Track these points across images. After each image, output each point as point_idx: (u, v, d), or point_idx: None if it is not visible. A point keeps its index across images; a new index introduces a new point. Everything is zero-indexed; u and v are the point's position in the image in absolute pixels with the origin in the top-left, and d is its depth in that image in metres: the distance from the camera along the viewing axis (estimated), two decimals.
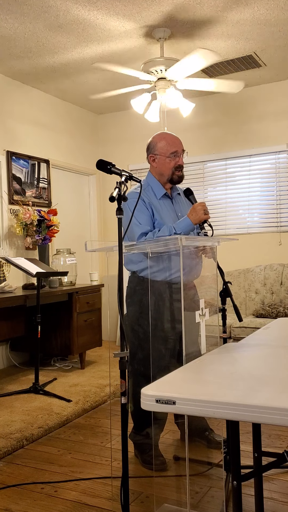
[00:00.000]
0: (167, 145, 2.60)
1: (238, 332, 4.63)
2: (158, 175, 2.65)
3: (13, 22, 3.85)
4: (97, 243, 6.17)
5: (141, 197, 2.53)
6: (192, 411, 1.23)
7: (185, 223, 2.43)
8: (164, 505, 2.18)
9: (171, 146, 2.60)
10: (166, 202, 2.64)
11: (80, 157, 6.10)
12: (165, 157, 2.61)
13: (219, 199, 5.70)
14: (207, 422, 2.78)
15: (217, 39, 4.28)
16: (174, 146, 2.60)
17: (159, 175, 2.65)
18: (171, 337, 2.44)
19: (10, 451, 2.81)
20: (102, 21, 3.87)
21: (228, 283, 2.43)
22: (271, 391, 1.26)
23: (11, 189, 4.99)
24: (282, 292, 5.05)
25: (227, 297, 2.42)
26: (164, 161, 2.61)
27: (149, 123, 5.63)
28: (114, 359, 4.74)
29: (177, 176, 2.63)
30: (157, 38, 4.16)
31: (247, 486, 2.27)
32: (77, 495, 2.29)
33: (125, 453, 1.82)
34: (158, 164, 2.63)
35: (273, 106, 5.41)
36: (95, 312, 4.86)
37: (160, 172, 2.64)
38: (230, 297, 2.41)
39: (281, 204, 5.37)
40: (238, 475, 1.43)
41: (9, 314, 4.25)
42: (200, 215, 2.40)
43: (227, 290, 2.41)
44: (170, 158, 2.60)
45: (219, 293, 2.41)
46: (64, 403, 3.56)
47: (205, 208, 2.42)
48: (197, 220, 2.41)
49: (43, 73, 4.95)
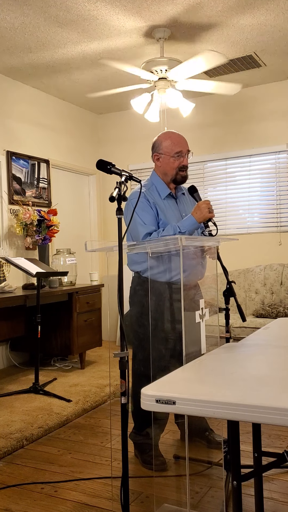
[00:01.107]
0: (172, 144, 2.59)
1: (238, 332, 4.63)
2: (162, 174, 2.64)
3: (13, 21, 3.85)
4: (97, 243, 6.17)
5: (145, 197, 2.52)
6: (192, 411, 1.23)
7: (189, 222, 2.42)
8: (164, 505, 2.18)
9: (176, 145, 2.59)
10: (171, 202, 2.63)
11: (80, 157, 6.10)
12: (170, 157, 2.59)
13: (219, 199, 5.70)
14: (207, 422, 2.78)
15: (217, 39, 4.27)
16: (179, 146, 2.59)
17: (163, 174, 2.64)
18: (171, 337, 2.44)
19: (10, 451, 2.81)
20: (103, 19, 3.87)
21: (232, 282, 2.42)
22: (271, 391, 1.26)
23: (11, 189, 4.99)
24: (282, 292, 5.05)
25: (231, 296, 2.41)
26: (168, 160, 2.60)
27: (149, 123, 5.63)
28: (114, 359, 4.73)
29: (180, 176, 2.62)
30: (157, 38, 4.16)
31: (247, 486, 2.27)
32: (77, 495, 2.29)
33: (125, 453, 1.82)
34: (162, 163, 2.62)
35: (273, 106, 5.41)
36: (95, 312, 4.86)
37: (164, 171, 2.63)
38: (234, 296, 2.40)
39: (281, 204, 5.38)
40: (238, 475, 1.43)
41: (9, 314, 4.25)
42: (205, 213, 2.39)
43: (231, 290, 2.39)
44: (174, 158, 2.59)
45: (222, 292, 2.40)
46: (64, 403, 3.56)
47: (210, 206, 2.40)
48: (202, 219, 2.40)
49: (43, 73, 4.95)
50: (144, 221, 2.48)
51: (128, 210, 2.58)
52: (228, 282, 2.41)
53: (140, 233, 2.46)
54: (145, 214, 2.49)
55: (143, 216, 2.48)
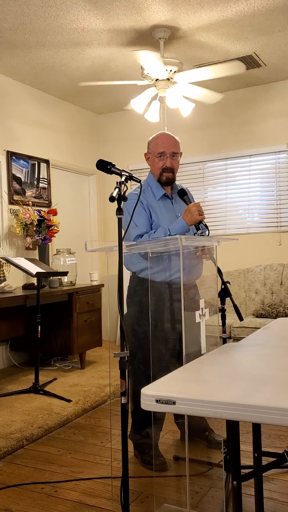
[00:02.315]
0: (156, 145, 2.61)
1: (238, 332, 4.63)
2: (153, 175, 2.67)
3: (13, 21, 3.85)
4: (97, 243, 6.17)
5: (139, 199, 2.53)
6: (192, 411, 1.23)
7: (179, 225, 2.42)
8: (164, 505, 2.18)
9: (160, 146, 2.60)
10: (166, 202, 2.63)
11: (80, 157, 6.10)
12: (154, 157, 2.62)
13: (219, 199, 5.70)
14: (207, 422, 2.78)
15: (217, 39, 4.27)
16: (162, 147, 2.59)
17: (153, 174, 2.67)
18: (171, 337, 2.44)
19: (10, 451, 2.81)
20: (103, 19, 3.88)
21: (227, 283, 2.42)
22: (271, 391, 1.26)
23: (11, 189, 4.99)
24: (282, 292, 5.05)
25: (226, 297, 2.41)
26: (154, 160, 2.63)
27: (149, 123, 5.63)
28: (114, 359, 4.74)
29: (165, 177, 2.61)
30: (157, 39, 4.16)
31: (247, 486, 2.27)
32: (77, 495, 2.29)
33: (125, 453, 1.82)
34: (150, 163, 2.67)
35: (273, 106, 5.41)
36: (95, 312, 4.86)
37: (152, 171, 2.67)
38: (230, 297, 2.40)
39: (281, 204, 5.37)
40: (238, 475, 1.43)
41: (9, 314, 4.25)
42: (195, 216, 2.37)
43: (226, 290, 2.40)
44: (158, 159, 2.61)
45: (218, 293, 2.40)
46: (64, 403, 3.56)
47: (200, 208, 2.39)
48: (192, 221, 2.39)
49: (43, 73, 4.95)
50: (136, 223, 2.49)
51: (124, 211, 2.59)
52: (223, 283, 2.41)
53: (131, 234, 2.47)
54: (137, 216, 2.50)
55: (135, 218, 2.49)
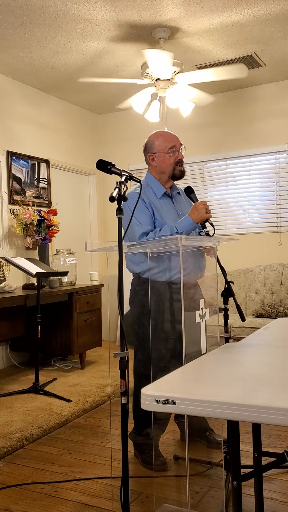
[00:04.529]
0: (164, 141, 2.60)
1: (238, 332, 4.63)
2: (158, 174, 2.64)
3: (13, 21, 3.85)
4: (97, 243, 6.17)
5: (141, 197, 2.52)
6: (192, 411, 1.23)
7: (186, 222, 2.42)
8: (164, 505, 2.18)
9: (169, 141, 2.60)
10: (167, 201, 2.63)
11: (80, 157, 6.10)
12: (165, 154, 2.60)
13: (219, 199, 5.70)
14: (207, 422, 2.78)
15: (217, 39, 4.27)
16: (171, 141, 2.60)
17: (159, 173, 2.64)
18: (171, 337, 2.43)
19: (10, 451, 2.81)
20: (103, 19, 3.87)
21: (230, 282, 2.42)
22: (271, 391, 1.26)
23: (11, 189, 4.99)
24: (282, 292, 5.05)
25: (229, 296, 2.40)
26: (164, 157, 2.61)
27: (149, 123, 5.62)
28: (114, 359, 4.73)
29: (179, 171, 2.63)
30: (157, 39, 4.16)
31: (247, 486, 2.27)
32: (77, 495, 2.29)
33: (125, 453, 1.82)
34: (158, 162, 2.62)
35: (273, 106, 5.41)
36: (95, 312, 4.86)
37: (161, 170, 2.63)
38: (233, 296, 2.40)
39: (281, 204, 5.37)
40: (238, 475, 1.43)
41: (9, 314, 4.25)
42: (202, 214, 2.38)
43: (229, 290, 2.39)
44: (169, 154, 2.60)
45: (221, 293, 2.39)
46: (64, 403, 3.56)
47: (207, 207, 2.40)
48: (199, 219, 2.40)
49: (44, 73, 4.95)
50: (140, 221, 2.48)
51: (125, 211, 2.58)
52: (227, 282, 2.40)
53: (136, 233, 2.46)
54: (141, 214, 2.49)
55: (139, 216, 2.48)
